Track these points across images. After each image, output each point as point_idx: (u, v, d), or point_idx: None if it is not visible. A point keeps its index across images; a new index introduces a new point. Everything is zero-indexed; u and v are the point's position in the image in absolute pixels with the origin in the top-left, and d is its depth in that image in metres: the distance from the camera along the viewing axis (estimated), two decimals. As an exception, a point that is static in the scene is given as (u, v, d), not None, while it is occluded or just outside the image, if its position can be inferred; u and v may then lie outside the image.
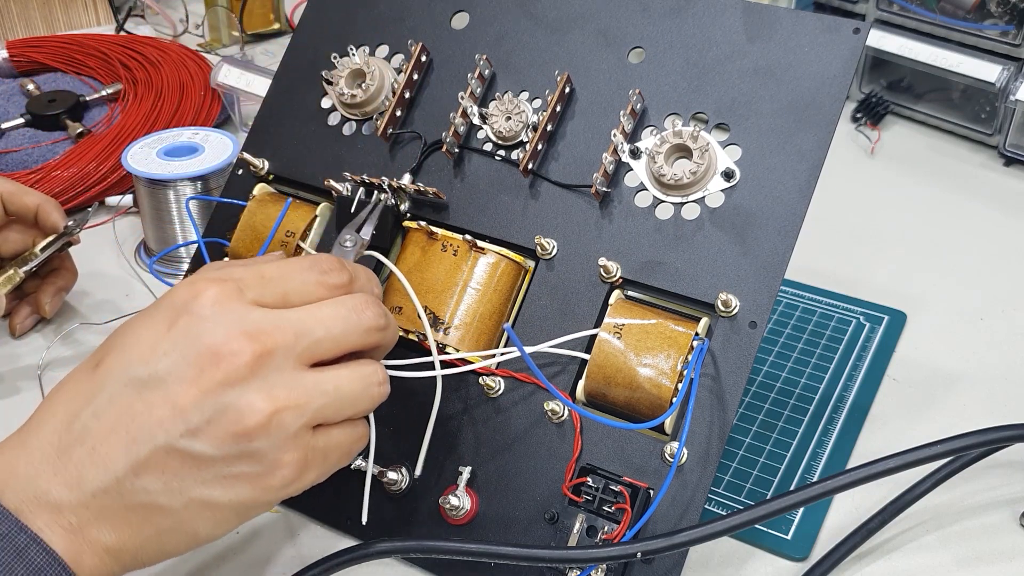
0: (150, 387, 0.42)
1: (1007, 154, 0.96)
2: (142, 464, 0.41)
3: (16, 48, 1.14)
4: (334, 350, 0.45)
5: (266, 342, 0.42)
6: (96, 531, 0.41)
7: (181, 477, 0.41)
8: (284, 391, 0.42)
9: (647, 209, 0.57)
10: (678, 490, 0.52)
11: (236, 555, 0.58)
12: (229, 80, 0.99)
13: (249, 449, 0.42)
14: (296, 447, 0.43)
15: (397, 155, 0.63)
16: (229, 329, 0.42)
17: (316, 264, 0.47)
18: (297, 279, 0.46)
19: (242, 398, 0.41)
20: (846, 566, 0.56)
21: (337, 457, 0.46)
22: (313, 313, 0.45)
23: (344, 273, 0.47)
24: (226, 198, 0.67)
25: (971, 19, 0.96)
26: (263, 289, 0.44)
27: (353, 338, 0.46)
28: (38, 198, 0.73)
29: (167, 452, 0.41)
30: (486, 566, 0.54)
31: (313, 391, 0.43)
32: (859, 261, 0.82)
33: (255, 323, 0.43)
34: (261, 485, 0.43)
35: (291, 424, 0.42)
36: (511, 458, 0.56)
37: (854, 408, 0.67)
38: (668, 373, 0.53)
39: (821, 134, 0.55)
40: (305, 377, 0.43)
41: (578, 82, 0.60)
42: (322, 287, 0.46)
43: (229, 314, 0.42)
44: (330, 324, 0.45)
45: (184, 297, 0.43)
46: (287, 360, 0.43)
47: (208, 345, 0.42)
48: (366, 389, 0.46)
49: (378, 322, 0.46)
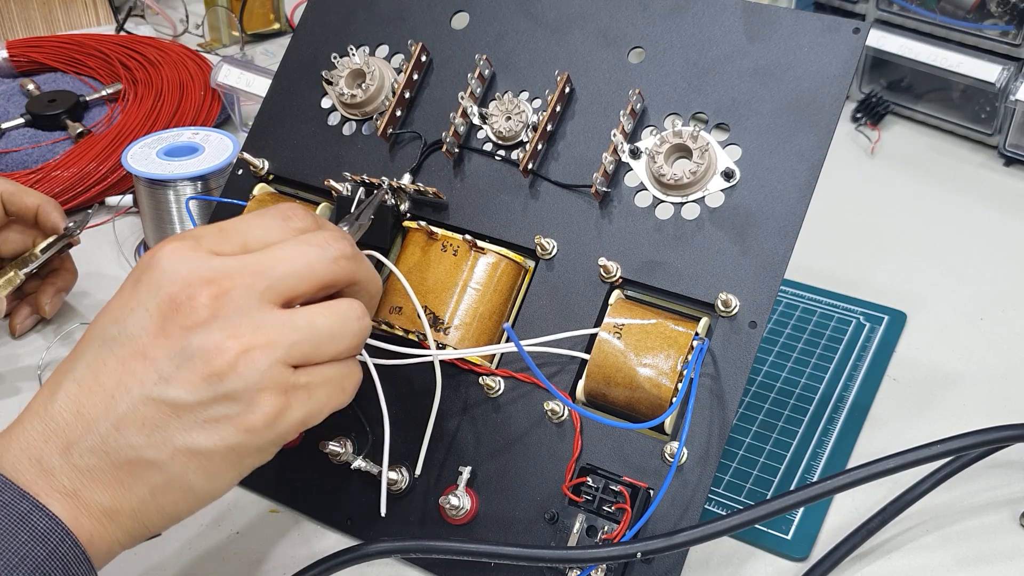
0: (120, 343, 0.43)
1: (1007, 154, 0.96)
2: (122, 419, 0.42)
3: (16, 48, 1.14)
4: (301, 285, 0.45)
5: (223, 283, 0.43)
6: (90, 493, 0.42)
7: (162, 427, 0.42)
8: (250, 329, 0.42)
9: (647, 209, 0.57)
10: (678, 490, 0.52)
11: (236, 555, 0.58)
12: (229, 80, 0.99)
13: (223, 390, 0.42)
14: (272, 384, 0.42)
15: (397, 155, 0.63)
16: (186, 277, 0.43)
17: (278, 211, 0.47)
18: (257, 227, 0.46)
19: (207, 339, 0.42)
20: (846, 566, 0.56)
21: (326, 394, 0.45)
22: (273, 252, 0.45)
23: (307, 217, 0.47)
24: (226, 198, 0.67)
25: (971, 19, 0.96)
26: (222, 240, 0.45)
27: (320, 270, 0.45)
28: (38, 198, 0.73)
29: (144, 403, 0.42)
30: (486, 566, 0.54)
31: (283, 327, 0.43)
32: (859, 261, 0.82)
33: (211, 268, 0.43)
34: (243, 425, 0.42)
35: (262, 361, 0.42)
36: (511, 458, 0.56)
37: (854, 408, 0.67)
38: (668, 373, 0.53)
39: (821, 134, 0.55)
40: (273, 314, 0.43)
41: (578, 82, 0.60)
42: (284, 231, 0.46)
43: (186, 263, 0.43)
44: (292, 259, 0.44)
45: (146, 258, 0.44)
46: (249, 299, 0.43)
47: (168, 294, 0.43)
48: (344, 324, 0.45)
49: (344, 251, 0.46)
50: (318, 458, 0.59)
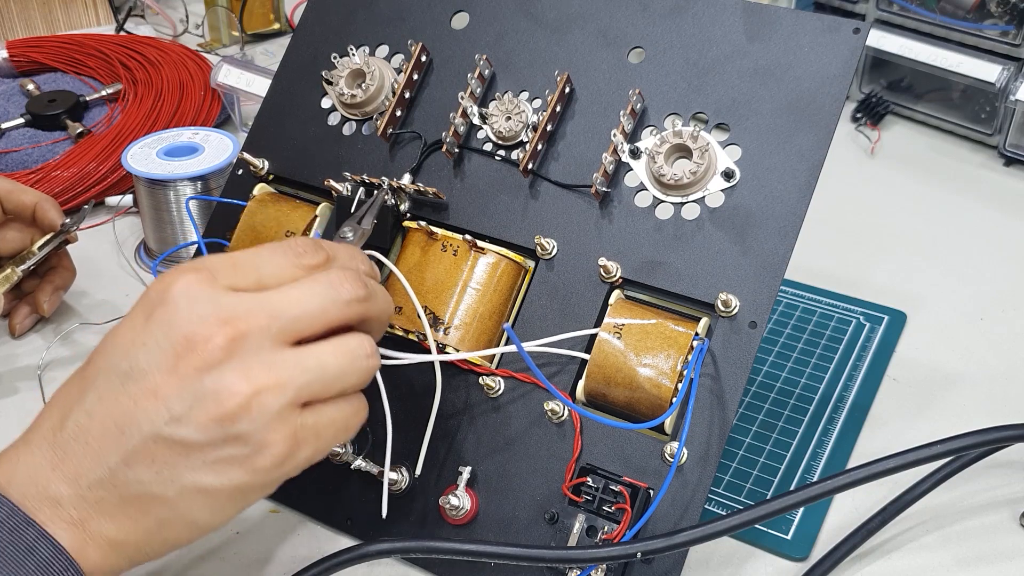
0: (132, 379, 0.42)
1: (1007, 154, 0.96)
2: (132, 455, 0.42)
3: (16, 48, 1.14)
4: (314, 327, 0.45)
5: (239, 324, 0.42)
6: (97, 524, 0.42)
7: (171, 465, 0.42)
8: (262, 371, 0.42)
9: (647, 209, 0.57)
10: (678, 490, 0.52)
11: (236, 555, 0.58)
12: (229, 80, 0.99)
13: (233, 432, 0.42)
14: (282, 426, 0.43)
15: (397, 155, 0.63)
16: (202, 315, 0.42)
17: (290, 246, 0.47)
18: (270, 263, 0.46)
19: (220, 381, 0.42)
20: (846, 566, 0.56)
21: (332, 433, 0.45)
22: (287, 292, 0.45)
23: (319, 253, 0.47)
24: (226, 198, 0.67)
25: (971, 19, 0.96)
26: (236, 275, 0.45)
27: (332, 312, 0.45)
28: (35, 196, 0.73)
29: (154, 441, 0.42)
30: (486, 566, 0.54)
31: (294, 368, 0.43)
32: (859, 261, 0.82)
33: (227, 307, 0.43)
34: (251, 467, 0.43)
35: (273, 403, 0.42)
36: (511, 458, 0.56)
37: (854, 408, 0.67)
38: (668, 373, 0.53)
39: (821, 134, 0.55)
40: (285, 355, 0.43)
41: (578, 82, 0.60)
42: (297, 268, 0.46)
43: (201, 301, 0.43)
44: (305, 301, 0.44)
45: (158, 290, 0.44)
46: (263, 341, 0.43)
47: (182, 333, 0.42)
48: (352, 362, 0.45)
49: (356, 294, 0.46)
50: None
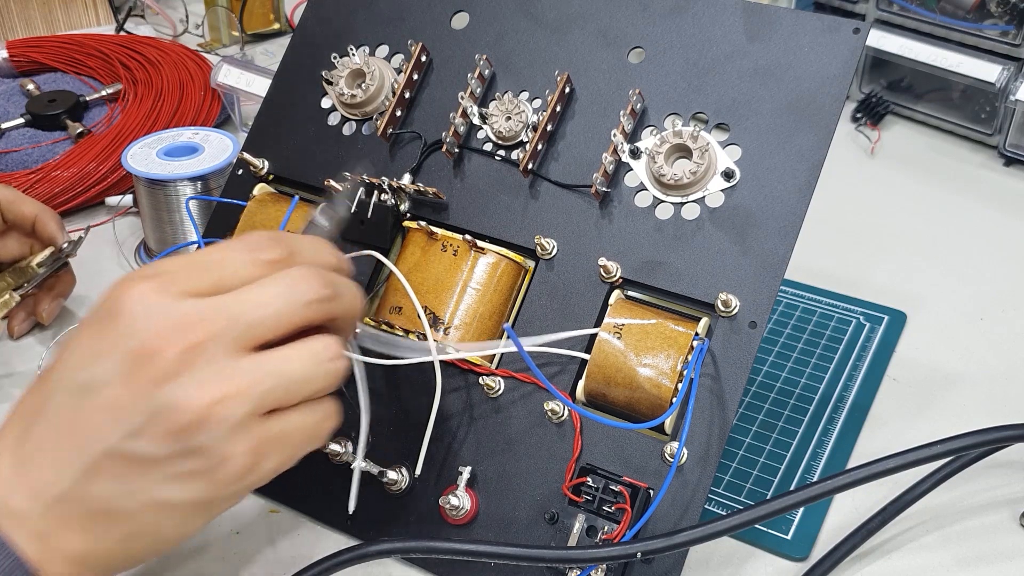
0: (89, 393, 0.41)
1: (1007, 154, 0.96)
2: (92, 469, 0.41)
3: (16, 48, 1.14)
4: (273, 330, 0.43)
5: (194, 333, 0.41)
6: (59, 538, 0.41)
7: (132, 480, 0.41)
8: (220, 381, 0.41)
9: (647, 209, 0.57)
10: (678, 490, 0.52)
11: (235, 555, 0.58)
12: (229, 80, 0.99)
13: (192, 445, 0.41)
14: (244, 437, 0.41)
15: (397, 155, 0.63)
16: (156, 325, 0.41)
17: (249, 242, 0.45)
18: (229, 261, 0.44)
19: (176, 394, 0.40)
20: (846, 566, 0.56)
21: (300, 441, 0.44)
22: (245, 296, 0.43)
23: (278, 247, 0.45)
24: (226, 198, 0.67)
25: (971, 19, 0.95)
26: (192, 277, 0.43)
27: (293, 315, 0.43)
28: (36, 208, 0.72)
29: (113, 456, 0.41)
30: (486, 566, 0.54)
31: (254, 376, 0.42)
32: (859, 261, 0.82)
33: (181, 316, 0.41)
34: (213, 480, 0.41)
35: (233, 414, 0.41)
36: (511, 458, 0.56)
37: (854, 408, 0.67)
38: (668, 373, 0.53)
39: (821, 134, 0.55)
40: (244, 363, 0.42)
41: (578, 82, 0.60)
42: (257, 266, 0.44)
43: (154, 310, 0.41)
44: (265, 304, 0.42)
45: (112, 298, 0.42)
46: (220, 348, 0.41)
47: (136, 344, 0.41)
48: (317, 366, 0.43)
49: (319, 294, 0.44)
50: (318, 458, 0.59)
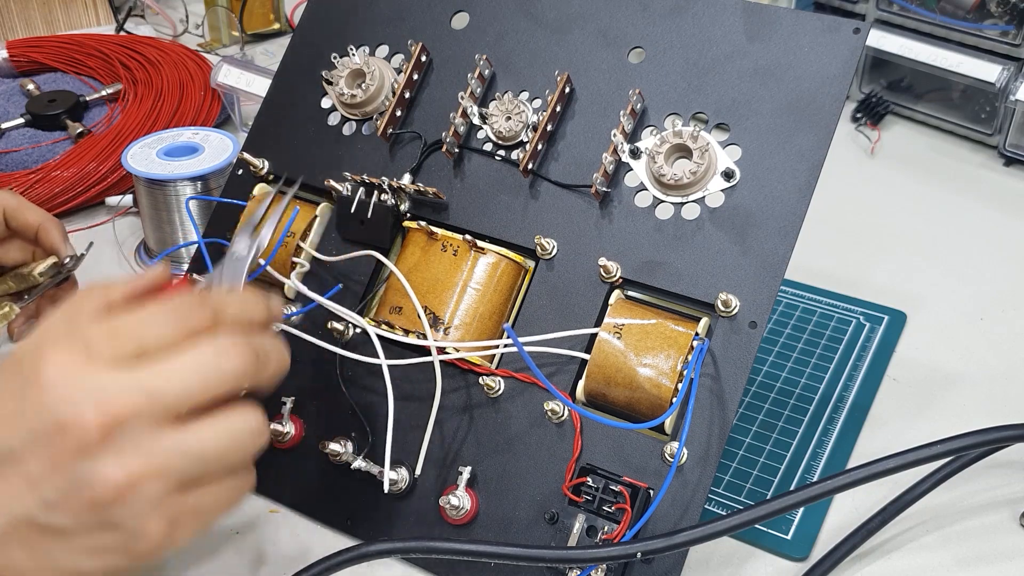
0: (5, 461, 0.40)
1: (1007, 154, 0.96)
2: (6, 536, 0.40)
3: (16, 48, 1.14)
4: (196, 403, 0.42)
5: (114, 409, 0.40)
6: None
7: (46, 549, 0.41)
8: (139, 458, 0.40)
9: (647, 209, 0.57)
10: (678, 490, 0.52)
11: (236, 555, 0.58)
12: (229, 80, 0.99)
13: (108, 519, 0.40)
14: (160, 514, 0.41)
15: (397, 155, 0.63)
16: (75, 399, 0.40)
17: (174, 308, 0.43)
18: (152, 328, 0.42)
19: (94, 469, 0.40)
20: (846, 566, 0.56)
21: (214, 511, 0.43)
22: (167, 368, 0.41)
23: (203, 311, 0.43)
24: (226, 198, 0.67)
25: (971, 19, 0.96)
26: (113, 346, 0.41)
27: (216, 387, 0.42)
28: (40, 216, 0.71)
29: (27, 525, 0.40)
30: (486, 566, 0.54)
31: (173, 454, 0.41)
32: (859, 261, 0.82)
33: (102, 390, 0.40)
34: (129, 552, 0.41)
35: (150, 491, 0.40)
36: (511, 458, 0.56)
37: (854, 408, 0.67)
38: (668, 373, 0.53)
39: (821, 134, 0.55)
40: (164, 439, 0.41)
41: (578, 82, 0.60)
42: (181, 332, 0.42)
43: (74, 383, 0.40)
44: (187, 377, 0.41)
45: (30, 365, 0.41)
46: (141, 424, 0.40)
47: (55, 418, 0.40)
48: (235, 443, 0.42)
49: (243, 366, 0.43)
50: (318, 458, 0.59)
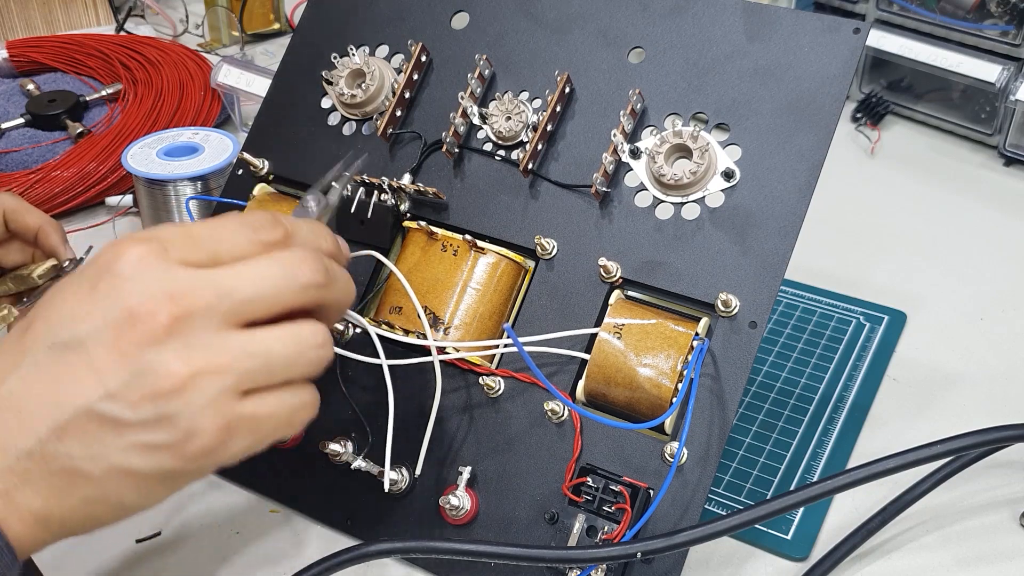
0: (71, 350, 0.41)
1: (1007, 154, 0.96)
2: (63, 428, 0.41)
3: (16, 48, 1.14)
4: (265, 309, 0.42)
5: (185, 302, 0.41)
6: (23, 496, 0.41)
7: (101, 442, 0.41)
8: (203, 353, 0.41)
9: (647, 209, 0.57)
10: (678, 490, 0.52)
11: (236, 555, 0.58)
12: (229, 80, 0.99)
13: (165, 412, 0.40)
14: (216, 413, 0.41)
15: (397, 155, 0.63)
16: (149, 290, 0.41)
17: (248, 221, 0.44)
18: (228, 237, 0.43)
19: (158, 360, 0.40)
20: (846, 566, 0.56)
21: (272, 426, 0.43)
22: (241, 271, 0.42)
23: (278, 228, 0.44)
24: (226, 198, 0.67)
25: (971, 19, 0.96)
26: (190, 248, 0.42)
27: (287, 296, 0.43)
28: (40, 219, 0.71)
29: (87, 415, 0.40)
30: (486, 566, 0.54)
31: (238, 353, 0.41)
32: (859, 261, 0.82)
33: (176, 283, 0.41)
34: (180, 453, 0.41)
35: (210, 389, 0.41)
36: (511, 458, 0.56)
37: (854, 408, 0.67)
38: (668, 373, 0.53)
39: (821, 134, 0.55)
40: (230, 338, 0.41)
41: (578, 82, 0.60)
42: (255, 244, 0.43)
43: (150, 274, 0.41)
44: (259, 282, 0.42)
45: (107, 259, 0.42)
46: (209, 321, 0.41)
47: (127, 306, 0.40)
48: (301, 352, 0.43)
49: (315, 278, 0.43)
50: (318, 458, 0.59)
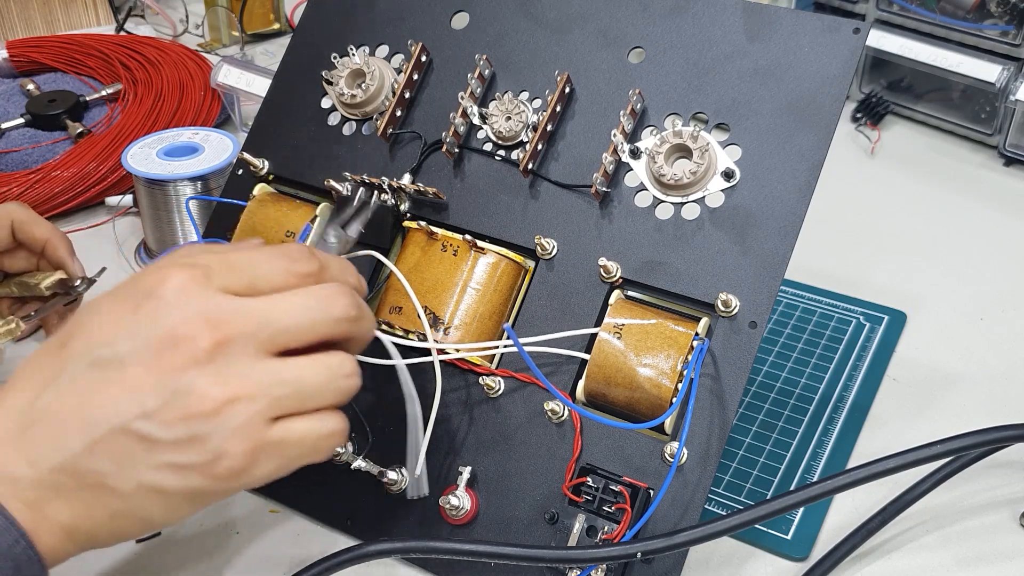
0: (110, 368, 0.42)
1: (1007, 154, 0.96)
2: (97, 444, 0.41)
3: (16, 48, 1.14)
4: (300, 340, 0.44)
5: (226, 329, 0.42)
6: (52, 508, 0.42)
7: (132, 460, 0.42)
8: (239, 379, 0.42)
9: (647, 209, 0.57)
10: (678, 490, 0.52)
11: (236, 555, 0.58)
12: (229, 80, 0.99)
13: (197, 433, 0.42)
14: (246, 437, 0.42)
15: (397, 155, 0.63)
16: (191, 314, 0.42)
17: (285, 253, 0.46)
18: (265, 267, 0.45)
19: (196, 383, 0.41)
20: (846, 566, 0.56)
21: (300, 451, 0.45)
22: (278, 302, 0.44)
23: (313, 261, 0.47)
24: (226, 198, 0.67)
25: (971, 19, 0.96)
26: (230, 276, 0.44)
27: (321, 328, 0.45)
28: (48, 231, 0.71)
29: (121, 433, 0.41)
30: (486, 566, 0.54)
31: (271, 380, 0.43)
32: (859, 261, 0.82)
33: (217, 309, 0.43)
34: (208, 474, 0.42)
35: (243, 413, 0.42)
36: (511, 458, 0.56)
37: (854, 408, 0.67)
38: (668, 373, 0.53)
39: (821, 134, 0.55)
40: (265, 365, 0.43)
41: (578, 82, 0.60)
42: (291, 275, 0.45)
43: (192, 299, 0.43)
44: (296, 313, 0.44)
45: (151, 282, 0.43)
46: (247, 348, 0.43)
47: (168, 329, 0.42)
48: (331, 381, 0.45)
49: (348, 313, 0.46)
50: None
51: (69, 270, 0.72)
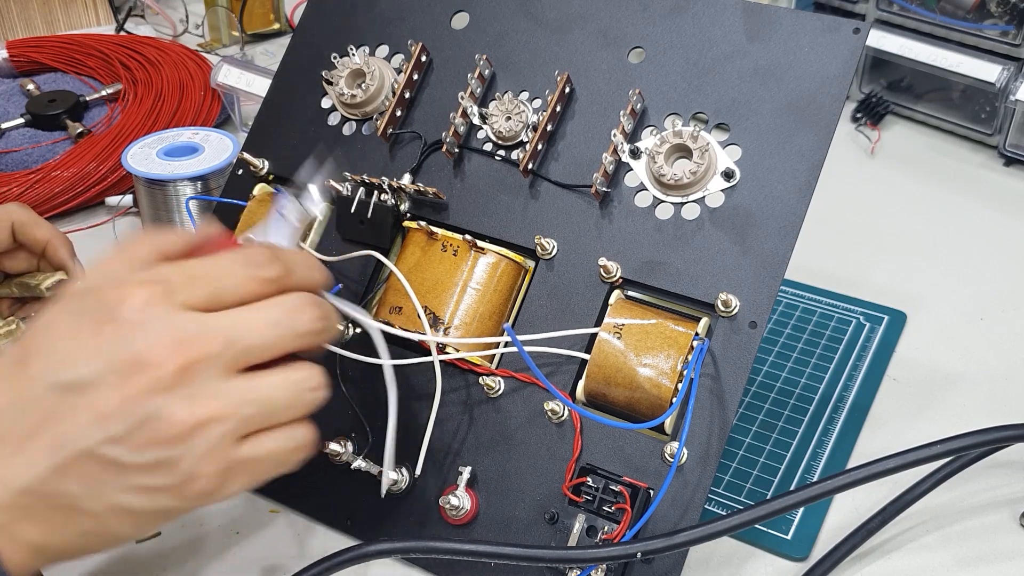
0: (75, 392, 0.41)
1: (1007, 154, 0.96)
2: (64, 467, 0.41)
3: (16, 48, 1.14)
4: (266, 355, 0.44)
5: (191, 351, 0.42)
6: (21, 529, 0.41)
7: (101, 483, 0.41)
8: (207, 402, 0.42)
9: (647, 209, 0.57)
10: (678, 490, 0.52)
11: (236, 555, 0.58)
12: (229, 80, 0.99)
13: (167, 458, 0.41)
14: (216, 459, 0.42)
15: (397, 155, 0.63)
16: (156, 336, 0.41)
17: (247, 258, 0.45)
18: (227, 277, 0.44)
19: (163, 408, 0.41)
20: (846, 566, 0.56)
21: (269, 466, 0.45)
22: (245, 318, 0.43)
23: (276, 265, 0.45)
24: (226, 198, 0.67)
25: (971, 19, 0.96)
26: (191, 290, 0.43)
27: (286, 343, 0.44)
28: (48, 233, 0.71)
29: (88, 457, 0.41)
30: (486, 566, 0.54)
31: (239, 400, 0.43)
32: (859, 261, 0.82)
33: (182, 330, 0.42)
34: (179, 495, 0.42)
35: (213, 435, 0.42)
36: (511, 458, 0.56)
37: (854, 408, 0.67)
38: (668, 373, 0.53)
39: (821, 134, 0.55)
40: (232, 385, 0.43)
41: (578, 82, 0.60)
42: (254, 282, 0.44)
43: (156, 320, 0.42)
44: (262, 329, 0.44)
45: (111, 300, 0.42)
46: (214, 368, 0.42)
47: (134, 353, 0.41)
48: (298, 396, 0.44)
49: (314, 326, 0.45)
50: (318, 458, 0.58)
51: (70, 271, 0.72)
